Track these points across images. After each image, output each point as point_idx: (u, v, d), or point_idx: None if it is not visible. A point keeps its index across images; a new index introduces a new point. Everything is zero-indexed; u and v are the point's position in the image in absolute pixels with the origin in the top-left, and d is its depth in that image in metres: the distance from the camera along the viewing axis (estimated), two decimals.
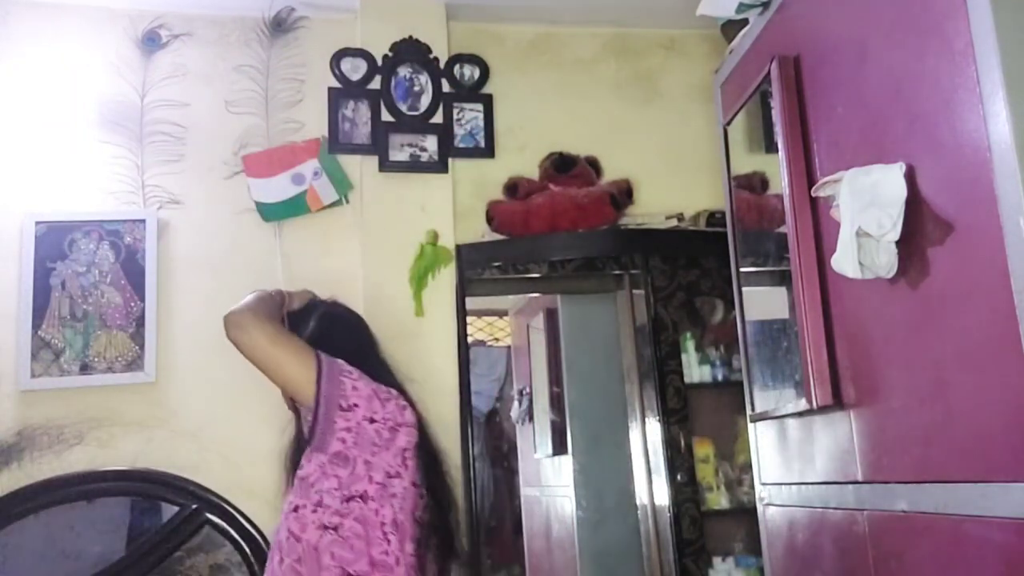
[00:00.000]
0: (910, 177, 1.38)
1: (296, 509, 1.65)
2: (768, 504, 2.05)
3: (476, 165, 2.92)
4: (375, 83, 2.87)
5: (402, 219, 2.76)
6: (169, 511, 2.50)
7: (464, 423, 2.67)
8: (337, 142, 2.80)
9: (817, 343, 1.68)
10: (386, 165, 2.81)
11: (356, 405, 1.69)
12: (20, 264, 2.55)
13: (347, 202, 2.79)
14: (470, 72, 2.97)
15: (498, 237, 2.83)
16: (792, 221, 1.73)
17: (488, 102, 2.95)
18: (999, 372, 1.20)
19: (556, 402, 3.64)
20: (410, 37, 2.91)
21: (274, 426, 2.55)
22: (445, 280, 2.75)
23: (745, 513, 2.63)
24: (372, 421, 1.69)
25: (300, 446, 1.80)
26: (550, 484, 3.84)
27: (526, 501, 4.26)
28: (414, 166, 2.84)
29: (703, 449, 2.85)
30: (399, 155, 2.83)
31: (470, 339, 2.78)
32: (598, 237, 2.85)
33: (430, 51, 2.92)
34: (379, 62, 2.88)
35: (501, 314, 4.68)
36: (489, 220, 2.83)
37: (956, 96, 1.28)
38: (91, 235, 2.61)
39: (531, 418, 3.97)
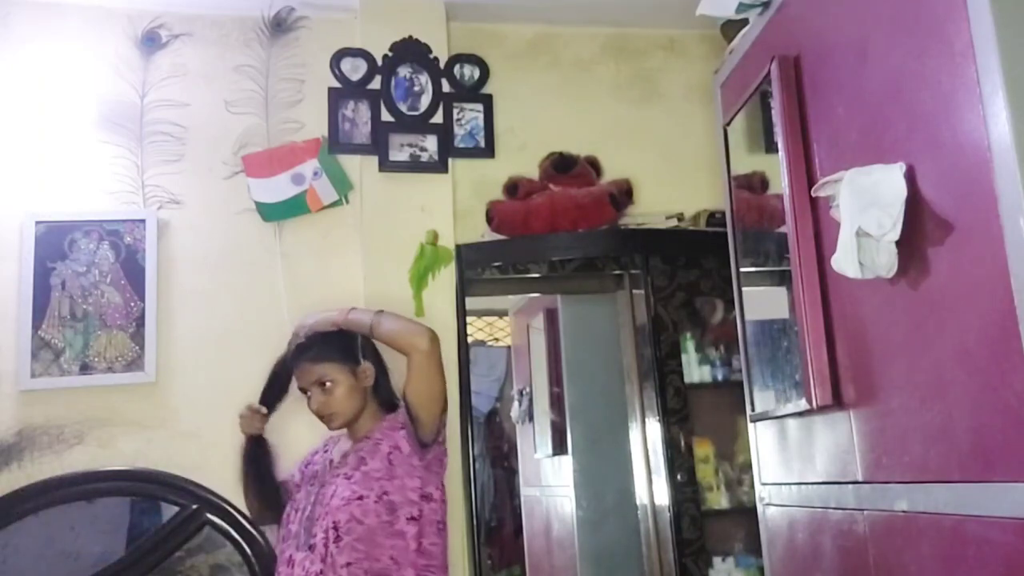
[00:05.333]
0: (910, 177, 1.38)
1: (361, 498, 1.99)
2: (768, 504, 2.05)
3: (476, 165, 2.92)
4: (375, 83, 2.87)
5: (402, 219, 2.77)
6: (169, 511, 2.50)
7: (464, 423, 2.67)
8: (337, 142, 2.80)
9: (817, 343, 1.68)
10: (386, 165, 2.81)
11: None
12: (20, 264, 2.55)
13: (347, 202, 2.79)
14: (470, 72, 2.97)
15: (498, 237, 2.83)
16: (792, 221, 1.73)
17: (488, 102, 2.95)
18: (999, 372, 1.20)
19: (556, 402, 3.64)
20: (410, 37, 2.91)
21: (274, 426, 2.55)
22: (445, 280, 2.75)
23: (745, 513, 2.63)
24: None
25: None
26: (550, 484, 3.84)
27: (526, 501, 4.26)
28: (414, 166, 2.84)
29: (703, 449, 2.85)
30: (399, 155, 2.83)
31: (470, 339, 2.78)
32: (598, 237, 2.85)
33: (430, 51, 2.92)
34: (379, 62, 2.88)
35: (501, 314, 4.68)
36: (489, 220, 2.83)
37: (956, 96, 1.28)
38: (91, 235, 2.61)
39: (531, 418, 3.97)
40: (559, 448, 3.59)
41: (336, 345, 2.17)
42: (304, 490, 2.14)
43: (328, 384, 2.12)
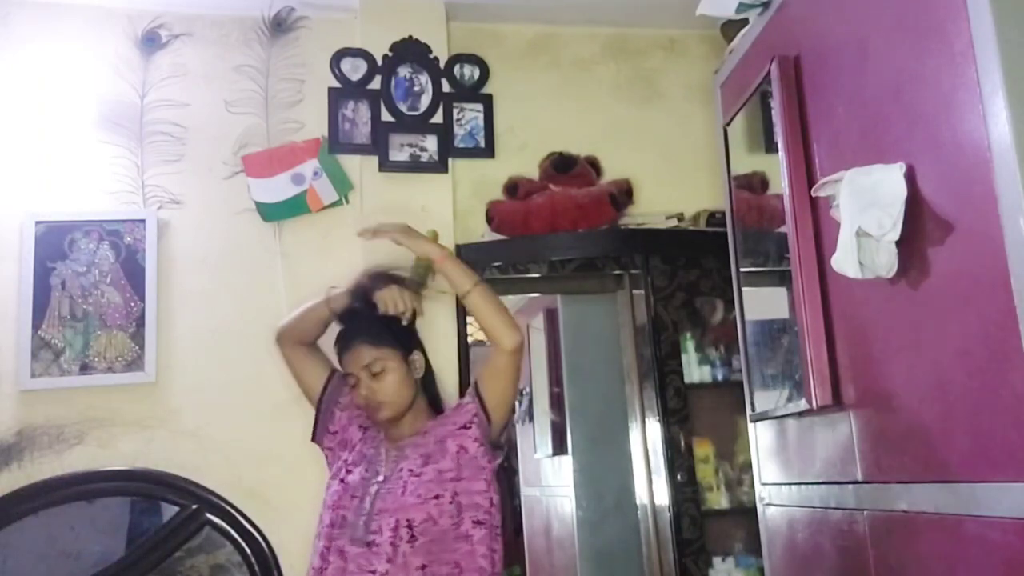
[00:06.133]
0: (910, 177, 1.38)
1: (437, 497, 1.88)
2: (768, 504, 2.05)
3: (476, 165, 2.92)
4: (375, 83, 2.87)
5: (402, 219, 2.75)
6: (169, 511, 2.50)
7: None
8: (337, 142, 2.80)
9: (817, 343, 1.68)
10: (386, 165, 2.81)
11: None
12: (20, 264, 2.55)
13: (347, 202, 2.79)
14: (470, 72, 2.97)
15: (498, 237, 2.83)
16: (792, 221, 1.73)
17: (488, 102, 2.95)
18: (999, 372, 1.21)
19: (556, 402, 3.64)
20: (410, 37, 2.91)
21: (274, 426, 2.56)
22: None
23: (745, 513, 2.63)
24: None
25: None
26: (550, 484, 3.85)
27: (526, 501, 4.26)
28: (414, 166, 2.84)
29: (703, 449, 2.84)
30: (399, 155, 2.83)
31: (470, 339, 2.78)
32: (598, 237, 2.85)
33: (430, 51, 2.92)
34: (379, 62, 2.88)
35: None
36: (489, 220, 2.83)
37: (956, 96, 1.28)
38: (91, 235, 2.61)
39: (531, 418, 3.98)
40: (559, 448, 3.59)
41: (390, 329, 2.01)
42: (358, 475, 1.96)
43: (380, 370, 1.95)
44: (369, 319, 2.02)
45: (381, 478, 1.92)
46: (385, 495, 1.88)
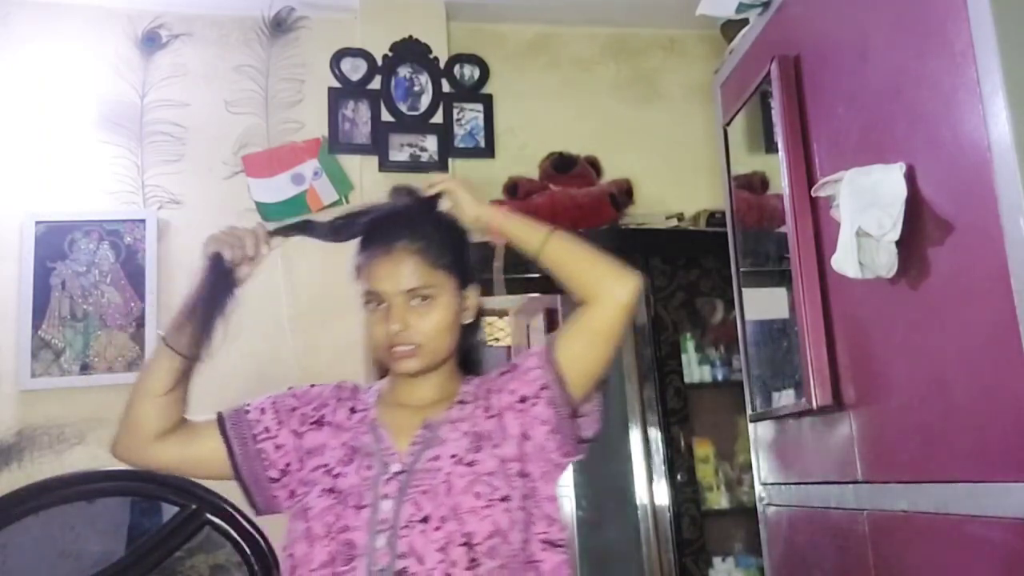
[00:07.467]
0: (910, 177, 1.38)
1: (505, 499, 1.22)
2: (768, 504, 2.04)
3: (476, 165, 2.92)
4: (375, 83, 2.87)
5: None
6: (169, 511, 2.50)
7: None
8: (337, 142, 2.81)
9: (817, 343, 1.68)
10: (386, 165, 2.81)
11: None
12: (20, 264, 2.55)
13: (347, 202, 2.79)
14: (470, 72, 2.97)
15: None
16: (792, 221, 1.73)
17: (488, 102, 2.95)
18: (999, 372, 1.20)
19: None
20: (410, 37, 2.91)
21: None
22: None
23: (745, 513, 2.63)
24: None
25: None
26: None
27: None
28: (414, 166, 2.84)
29: (703, 449, 2.84)
30: (399, 155, 2.83)
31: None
32: (598, 237, 2.83)
33: (430, 51, 2.92)
34: (379, 62, 2.88)
35: (501, 314, 4.68)
36: None
37: (956, 96, 1.28)
38: (91, 235, 2.61)
39: None
40: None
41: (453, 246, 1.36)
42: (354, 475, 1.25)
43: (429, 298, 1.30)
44: (428, 224, 1.35)
45: (398, 469, 1.24)
46: (417, 496, 1.20)
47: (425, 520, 1.18)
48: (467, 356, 1.44)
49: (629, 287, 1.30)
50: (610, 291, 1.31)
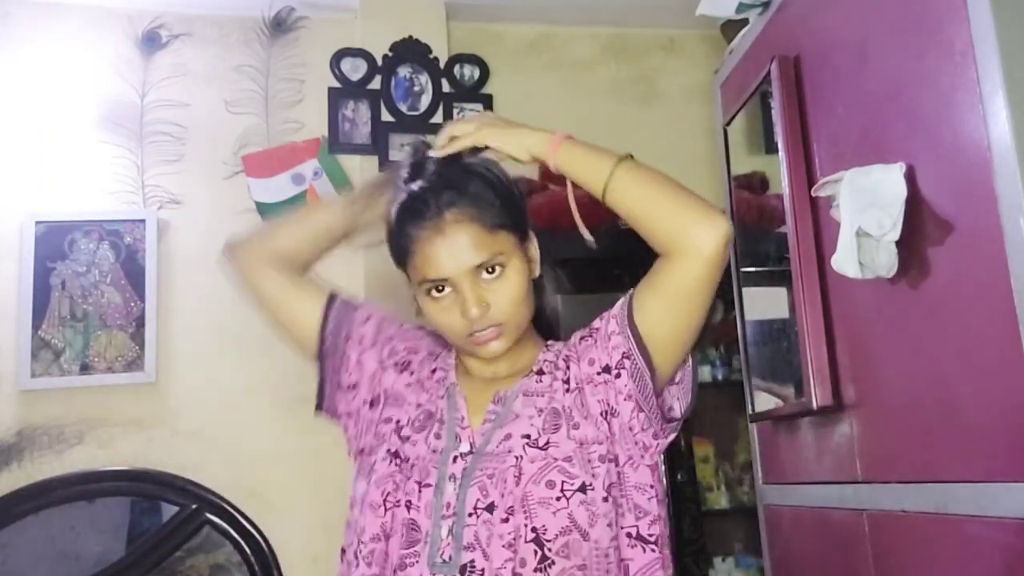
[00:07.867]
0: (910, 177, 1.38)
1: (585, 489, 1.05)
2: (768, 504, 2.04)
3: None
4: (375, 83, 2.87)
5: None
6: (169, 511, 2.50)
7: None
8: (337, 142, 2.80)
9: (817, 343, 1.68)
10: (386, 165, 2.81)
11: None
12: (20, 264, 2.55)
13: None
14: (470, 72, 2.97)
15: None
16: (792, 221, 1.73)
17: (488, 102, 2.95)
18: (999, 372, 1.21)
19: None
20: (410, 37, 2.91)
21: (274, 426, 2.56)
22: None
23: (745, 513, 2.63)
24: None
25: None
26: None
27: None
28: None
29: (703, 449, 2.85)
30: (399, 155, 2.83)
31: None
32: (598, 237, 2.84)
33: (430, 51, 2.92)
34: (379, 62, 2.88)
35: None
36: None
37: (956, 96, 1.28)
38: (91, 235, 2.61)
39: None
40: None
41: (504, 198, 1.23)
42: (423, 445, 1.11)
43: (498, 266, 1.15)
44: (470, 180, 1.20)
45: (467, 448, 1.10)
46: (484, 480, 1.05)
47: (490, 509, 1.03)
48: (540, 316, 1.29)
49: (717, 235, 1.08)
50: (694, 241, 1.09)
